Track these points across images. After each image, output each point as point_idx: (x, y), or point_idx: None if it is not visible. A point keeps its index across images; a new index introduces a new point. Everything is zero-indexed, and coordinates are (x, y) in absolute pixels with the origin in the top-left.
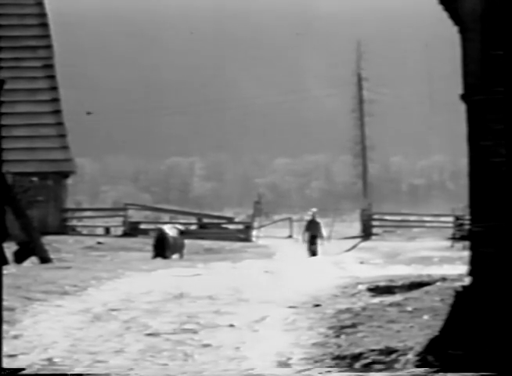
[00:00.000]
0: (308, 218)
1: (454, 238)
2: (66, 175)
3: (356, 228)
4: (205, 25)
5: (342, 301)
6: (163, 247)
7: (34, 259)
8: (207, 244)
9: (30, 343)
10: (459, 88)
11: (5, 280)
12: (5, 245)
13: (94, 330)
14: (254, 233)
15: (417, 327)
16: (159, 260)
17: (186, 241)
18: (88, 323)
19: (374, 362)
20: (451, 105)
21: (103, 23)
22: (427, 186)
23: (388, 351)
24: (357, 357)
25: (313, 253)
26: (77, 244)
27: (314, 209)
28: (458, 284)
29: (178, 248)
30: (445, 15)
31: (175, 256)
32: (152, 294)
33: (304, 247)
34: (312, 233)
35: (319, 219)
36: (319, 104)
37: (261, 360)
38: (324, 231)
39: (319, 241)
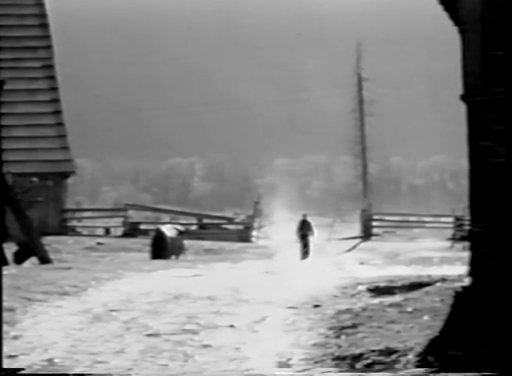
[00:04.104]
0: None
1: (454, 239)
2: (66, 175)
3: (356, 228)
4: (205, 25)
5: (342, 302)
6: (161, 248)
7: (33, 260)
8: (207, 244)
9: (30, 344)
10: (459, 89)
11: (5, 281)
12: (5, 246)
13: (94, 330)
14: (254, 233)
15: (417, 328)
16: (159, 261)
17: (186, 242)
18: (88, 324)
19: (374, 362)
20: (451, 105)
21: (103, 23)
22: (427, 186)
23: (388, 351)
24: (357, 358)
25: (305, 249)
26: (77, 244)
27: (305, 213)
28: (458, 285)
29: (177, 249)
30: (445, 15)
31: (172, 257)
32: (152, 294)
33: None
34: (304, 231)
35: (309, 219)
36: (319, 104)
37: (261, 361)
38: (315, 229)
39: (310, 238)
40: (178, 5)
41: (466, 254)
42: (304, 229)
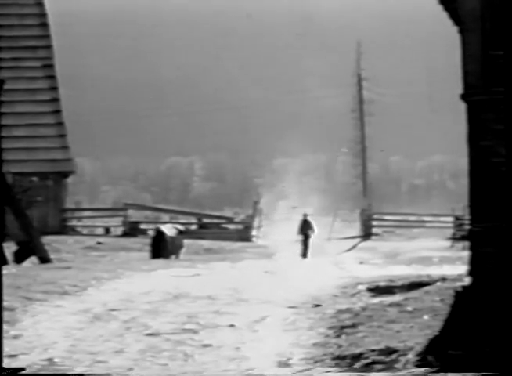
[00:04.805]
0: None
1: (454, 238)
2: (65, 174)
3: (356, 228)
4: (205, 25)
5: (342, 302)
6: (160, 247)
7: (33, 259)
8: (206, 244)
9: (30, 343)
10: (459, 88)
11: (5, 280)
12: (5, 245)
13: (94, 330)
14: (254, 233)
15: (417, 327)
16: (159, 260)
17: (186, 241)
18: (88, 324)
19: (374, 362)
20: (451, 105)
21: (103, 23)
22: (427, 186)
23: (388, 351)
24: (357, 357)
25: (305, 247)
26: (76, 244)
27: (306, 212)
28: (458, 284)
29: (177, 248)
30: (444, 15)
31: (172, 256)
32: (152, 294)
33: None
34: (305, 231)
35: (310, 219)
36: (319, 104)
37: (261, 360)
38: (315, 227)
39: (311, 238)
40: (179, 5)
41: (466, 254)
42: (306, 229)
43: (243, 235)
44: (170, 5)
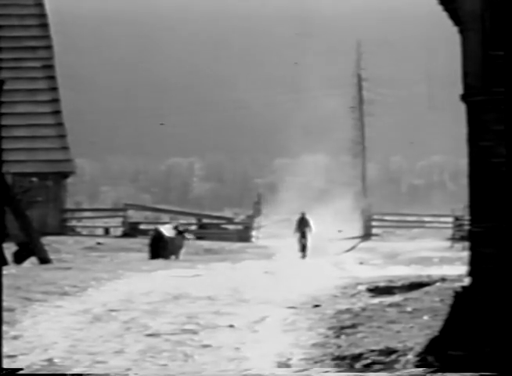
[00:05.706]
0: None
1: (454, 239)
2: (65, 175)
3: (356, 228)
4: (205, 25)
5: (342, 302)
6: (159, 248)
7: (33, 260)
8: (206, 244)
9: (29, 344)
10: (458, 89)
11: (5, 281)
12: (5, 246)
13: (94, 330)
14: (254, 233)
15: (417, 328)
16: (158, 261)
17: (186, 242)
18: (88, 324)
19: (374, 362)
20: (451, 105)
21: (103, 23)
22: (427, 186)
23: (388, 351)
24: (357, 358)
25: (303, 245)
26: (76, 244)
27: (303, 211)
28: (458, 285)
29: (176, 249)
30: (444, 15)
31: (172, 257)
32: (152, 294)
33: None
34: (302, 228)
35: (307, 217)
36: (319, 104)
37: (260, 361)
38: (313, 226)
39: (308, 235)
40: (178, 5)
41: (466, 254)
42: (303, 227)
43: (243, 235)
44: (170, 5)
